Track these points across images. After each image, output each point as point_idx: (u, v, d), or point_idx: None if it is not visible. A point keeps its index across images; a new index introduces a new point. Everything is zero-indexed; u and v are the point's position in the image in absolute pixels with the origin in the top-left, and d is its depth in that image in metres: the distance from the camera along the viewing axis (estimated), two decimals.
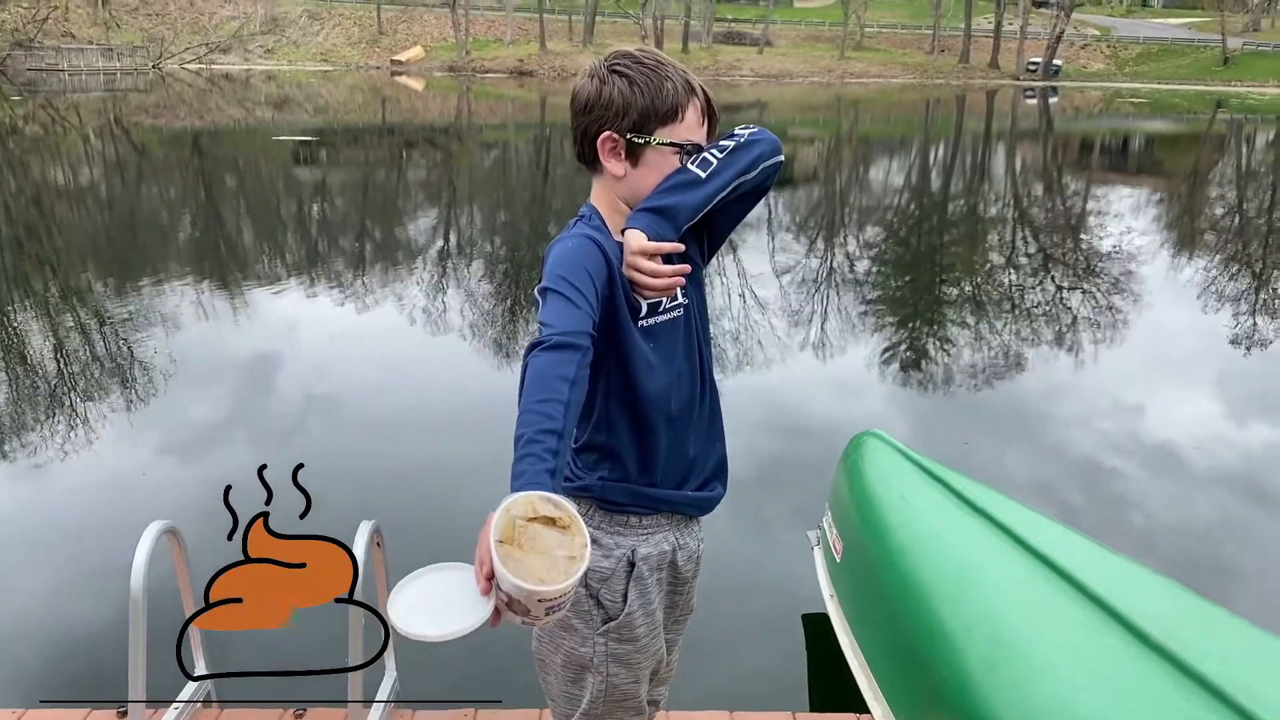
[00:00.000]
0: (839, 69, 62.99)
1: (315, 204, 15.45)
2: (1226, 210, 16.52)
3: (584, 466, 1.78)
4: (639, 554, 1.77)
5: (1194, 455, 5.76)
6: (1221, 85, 59.32)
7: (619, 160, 1.70)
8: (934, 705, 2.46)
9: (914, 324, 8.80)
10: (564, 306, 1.52)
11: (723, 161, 1.69)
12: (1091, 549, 2.71)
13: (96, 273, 10.15)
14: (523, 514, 1.29)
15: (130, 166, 19.66)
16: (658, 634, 1.83)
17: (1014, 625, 2.40)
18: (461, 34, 62.95)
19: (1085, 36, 69.54)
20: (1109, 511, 5.03)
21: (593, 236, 1.65)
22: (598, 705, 1.78)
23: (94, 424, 5.75)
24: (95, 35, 55.61)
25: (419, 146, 24.91)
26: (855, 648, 3.04)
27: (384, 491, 4.89)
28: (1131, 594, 2.44)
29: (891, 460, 3.28)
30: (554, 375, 1.43)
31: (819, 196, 17.77)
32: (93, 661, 3.46)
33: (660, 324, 1.73)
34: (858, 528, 3.14)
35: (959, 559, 2.69)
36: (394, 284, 9.67)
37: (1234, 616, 2.43)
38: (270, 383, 6.65)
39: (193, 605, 2.82)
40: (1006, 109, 43.77)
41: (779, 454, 5.53)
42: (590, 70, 1.72)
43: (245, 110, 33.72)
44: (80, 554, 4.29)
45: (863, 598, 3.08)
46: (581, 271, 1.57)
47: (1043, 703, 2.15)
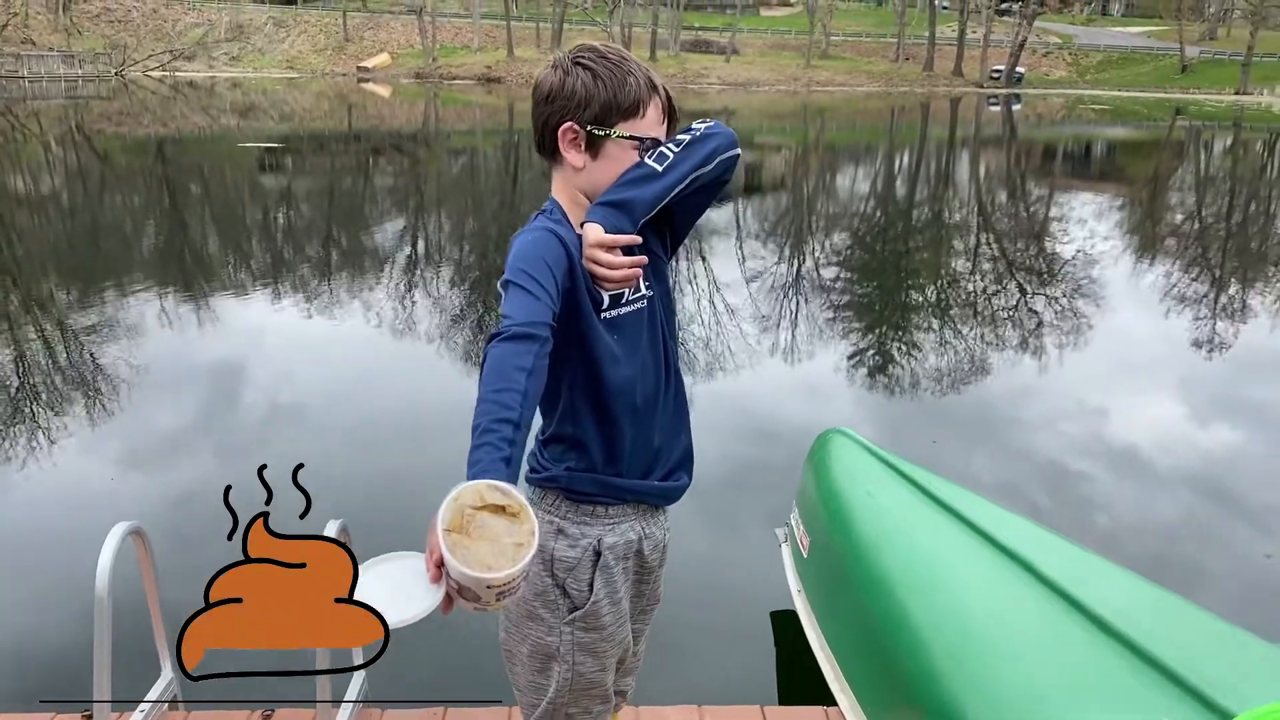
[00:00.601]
0: (805, 77, 63.38)
1: (281, 211, 15.34)
2: (1187, 215, 16.78)
3: (550, 458, 1.79)
4: (605, 543, 1.78)
5: (1154, 454, 5.86)
6: (1180, 92, 60.26)
7: (579, 152, 1.72)
8: (900, 696, 2.49)
9: (881, 329, 8.88)
10: (523, 298, 1.54)
11: (679, 155, 1.71)
12: (1055, 542, 2.76)
13: (59, 282, 10.02)
14: (471, 502, 1.31)
15: (93, 174, 19.44)
16: (624, 623, 1.84)
17: (978, 617, 2.43)
18: (429, 41, 62.81)
19: (1047, 44, 70.46)
20: (1072, 508, 5.10)
21: (553, 229, 1.66)
22: (564, 694, 1.79)
23: (56, 433, 5.69)
24: (56, 42, 54.98)
25: (386, 153, 24.80)
26: (822, 641, 3.07)
27: (351, 491, 4.87)
28: (1093, 585, 2.49)
29: (857, 457, 3.31)
30: (511, 365, 1.45)
31: (787, 204, 17.87)
32: (58, 664, 3.42)
33: (624, 315, 1.75)
34: (824, 524, 3.17)
35: (924, 553, 2.73)
36: (361, 291, 9.63)
37: (1192, 605, 2.49)
38: (235, 388, 6.60)
39: (159, 606, 2.81)
40: (970, 116, 44.21)
41: (748, 456, 5.57)
42: (554, 62, 1.73)
43: (210, 118, 33.43)
44: (45, 558, 4.24)
45: (829, 592, 3.11)
46: (540, 264, 1.59)
47: (1007, 691, 2.19)
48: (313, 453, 5.52)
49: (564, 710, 1.81)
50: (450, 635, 3.56)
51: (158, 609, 2.83)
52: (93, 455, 5.45)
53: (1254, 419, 6.54)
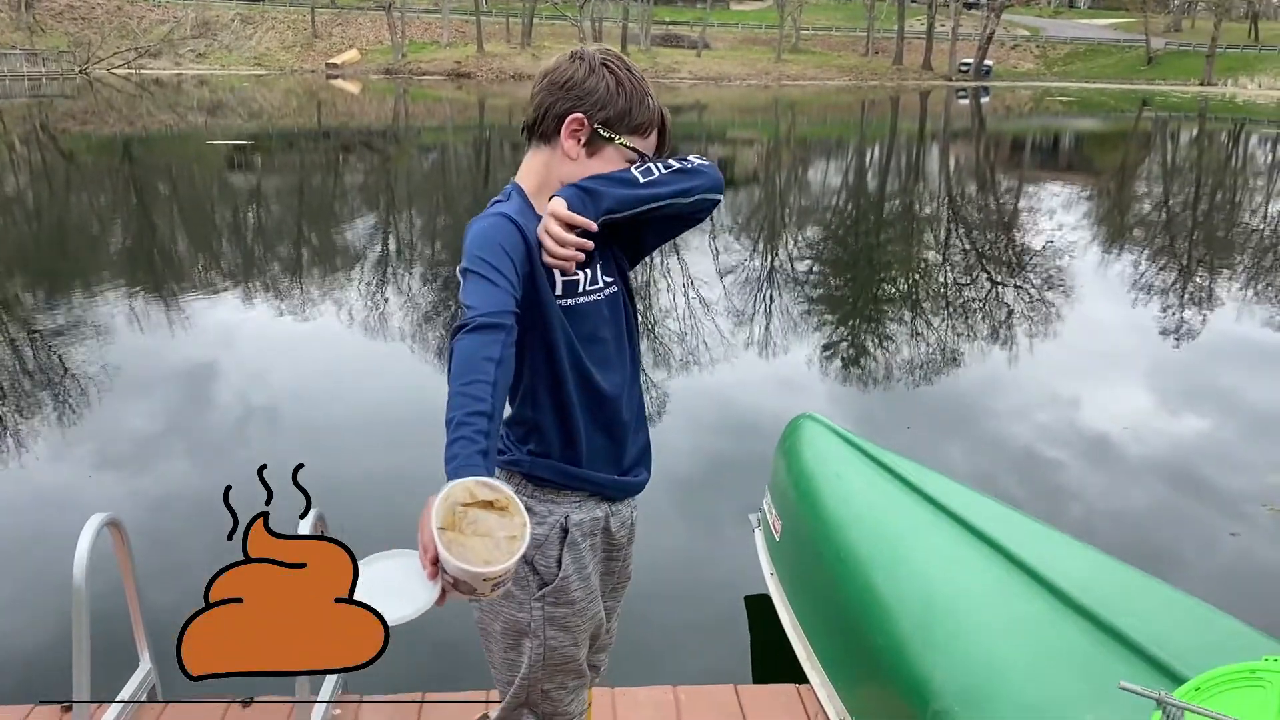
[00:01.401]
0: (776, 71, 63.56)
1: (251, 210, 15.25)
2: (1154, 205, 17.00)
3: (514, 440, 1.83)
4: (572, 520, 1.82)
5: (1123, 440, 5.96)
6: (1146, 84, 60.96)
7: (578, 144, 1.75)
8: (869, 669, 2.55)
9: (854, 320, 8.96)
10: (485, 287, 1.57)
11: (665, 176, 1.75)
12: (1018, 519, 2.83)
13: (24, 283, 9.93)
14: (461, 500, 1.35)
15: (58, 174, 19.22)
16: (594, 598, 1.88)
17: (944, 591, 2.49)
18: (398, 36, 62.42)
19: (1015, 37, 71.00)
20: (1044, 492, 5.20)
21: (509, 215, 1.68)
22: (537, 669, 1.83)
23: (25, 434, 5.66)
24: (19, 40, 54.18)
25: (356, 150, 24.68)
26: (794, 621, 3.13)
27: (326, 483, 4.88)
28: (1055, 559, 2.56)
29: (827, 441, 3.37)
30: (480, 357, 1.49)
31: (759, 197, 17.95)
32: (38, 659, 3.43)
33: (582, 305, 1.77)
34: (795, 506, 3.23)
35: (891, 531, 2.79)
36: (332, 288, 9.60)
37: (1150, 578, 2.56)
38: (207, 387, 6.59)
39: (136, 597, 2.82)
40: (940, 109, 44.52)
41: (725, 447, 5.62)
42: (579, 54, 1.77)
43: (177, 115, 33.11)
44: (22, 555, 4.24)
45: (800, 572, 3.16)
46: (498, 250, 1.61)
47: (971, 663, 2.25)
48: (286, 448, 5.54)
49: (539, 686, 1.84)
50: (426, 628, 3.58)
51: (136, 601, 2.85)
52: (64, 456, 5.43)
53: (1219, 404, 6.67)
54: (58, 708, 2.82)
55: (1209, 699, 1.84)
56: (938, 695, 2.20)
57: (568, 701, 1.88)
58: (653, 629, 3.74)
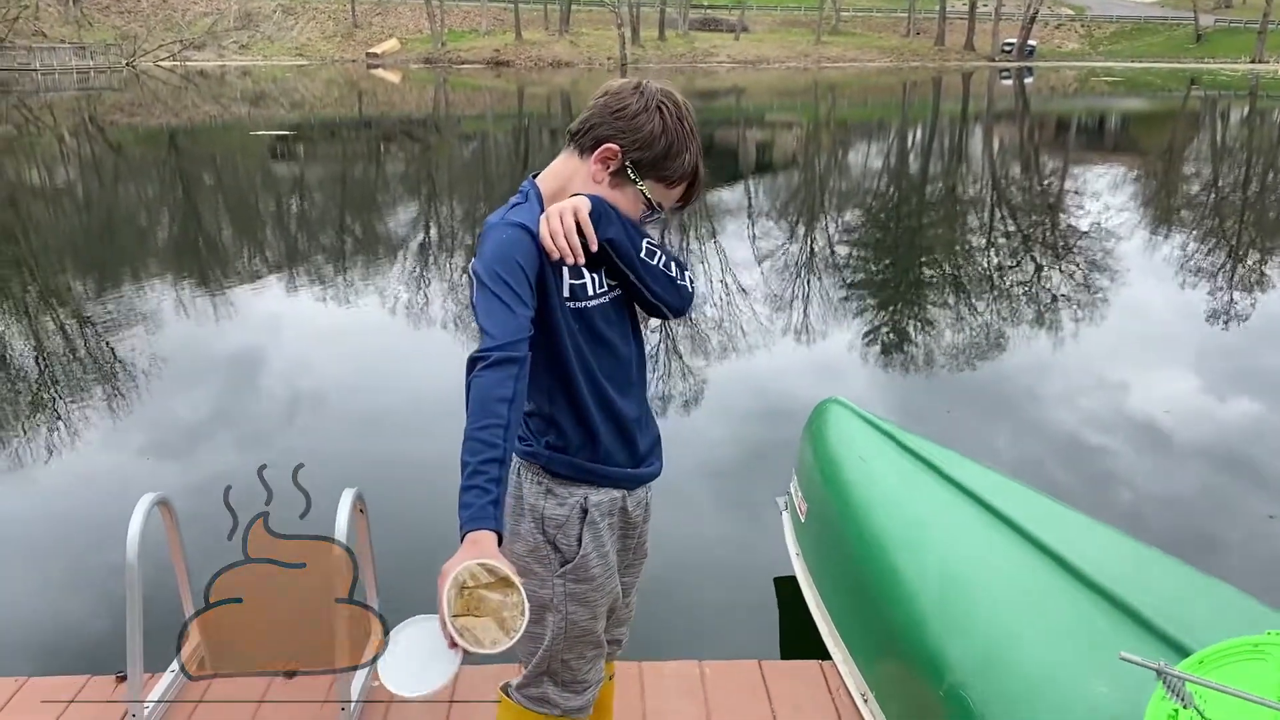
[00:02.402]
0: (815, 53, 63.16)
1: (294, 198, 15.49)
2: (1203, 186, 16.72)
3: (534, 430, 1.91)
4: (591, 501, 1.90)
5: (1167, 424, 5.91)
6: (1194, 62, 59.80)
7: (605, 170, 1.81)
8: (888, 644, 2.61)
9: (895, 305, 8.93)
10: (501, 312, 1.67)
11: (657, 268, 1.86)
12: (1037, 499, 2.88)
13: (76, 272, 10.20)
14: (469, 583, 1.56)
15: (106, 165, 19.63)
16: (612, 574, 1.97)
17: (962, 569, 2.55)
18: (437, 25, 62.78)
19: (1059, 16, 69.96)
20: (1085, 477, 5.15)
21: (527, 227, 1.75)
22: (559, 642, 1.92)
23: (77, 420, 5.85)
24: (68, 34, 55.23)
25: (397, 139, 24.92)
26: (818, 600, 3.19)
27: (366, 463, 5.06)
28: (1072, 538, 2.60)
29: (852, 424, 3.43)
30: (494, 398, 1.62)
31: (799, 181, 17.91)
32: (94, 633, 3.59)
33: (591, 308, 1.84)
34: (820, 488, 3.29)
35: (912, 511, 2.84)
36: (374, 277, 9.76)
37: (1167, 556, 2.60)
38: (251, 372, 6.76)
39: (186, 574, 2.95)
40: (982, 90, 44.01)
41: (760, 433, 5.65)
42: (643, 89, 1.80)
43: (221, 106, 33.61)
44: (76, 537, 4.41)
45: (824, 553, 3.23)
46: (515, 268, 1.70)
47: (987, 637, 2.31)
48: (328, 429, 5.70)
49: (559, 657, 1.94)
50: None
51: (185, 576, 2.98)
52: (116, 440, 5.61)
53: (1268, 388, 6.58)
54: (112, 678, 2.96)
55: (1212, 671, 1.89)
56: (953, 669, 2.27)
57: (586, 670, 1.97)
58: (684, 610, 3.82)
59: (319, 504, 2.68)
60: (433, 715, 2.86)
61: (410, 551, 4.15)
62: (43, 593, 3.97)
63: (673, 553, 4.22)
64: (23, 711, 2.85)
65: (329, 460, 5.16)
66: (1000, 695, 2.14)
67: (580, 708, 1.98)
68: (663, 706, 2.85)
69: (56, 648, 3.54)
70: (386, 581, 3.22)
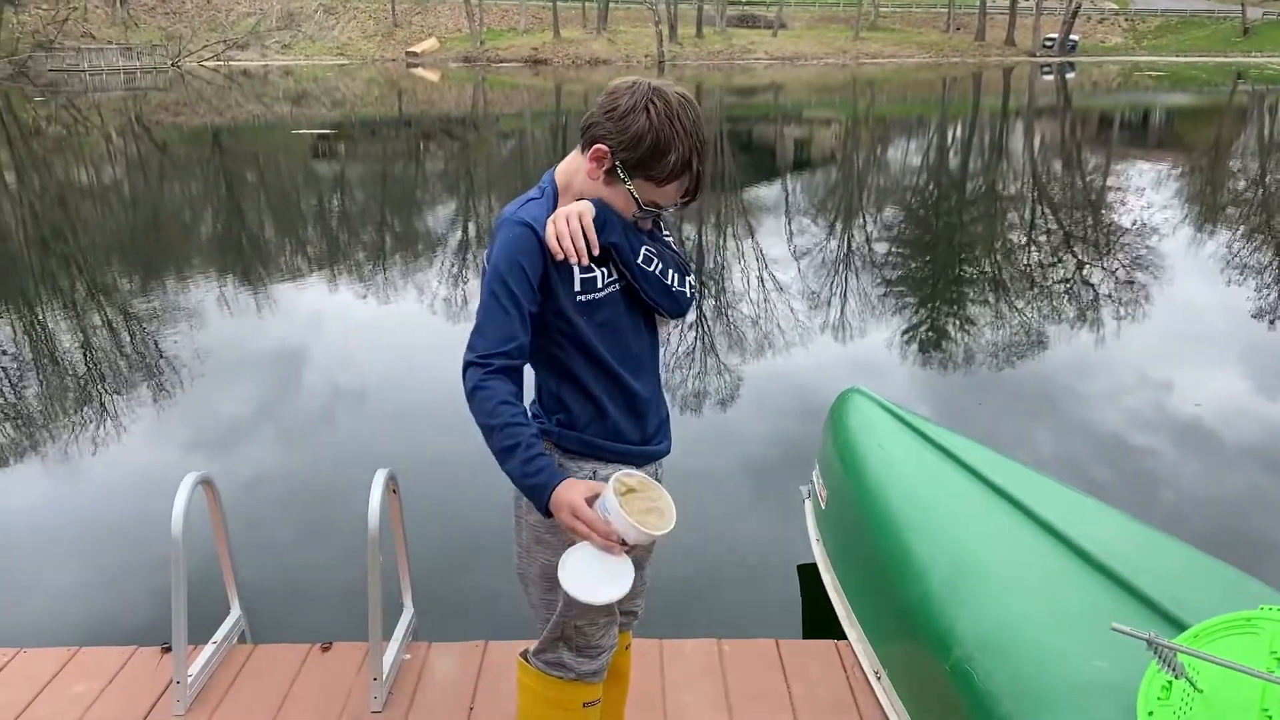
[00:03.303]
0: (854, 50, 62.78)
1: (334, 196, 15.74)
2: (1250, 182, 16.46)
3: (544, 409, 2.02)
4: (600, 475, 1.99)
5: (1213, 425, 5.86)
6: (1241, 56, 58.76)
7: (598, 169, 1.89)
8: (899, 624, 2.69)
9: (931, 301, 8.91)
10: (499, 317, 1.83)
11: (653, 274, 1.96)
12: (1048, 484, 2.94)
13: (123, 268, 10.46)
14: (621, 491, 1.78)
15: (152, 164, 20.02)
16: None
17: (972, 551, 2.62)
18: (476, 24, 63.14)
19: (1102, 10, 69.02)
20: (1127, 478, 5.13)
21: (532, 225, 1.85)
22: (572, 608, 2.01)
23: (123, 411, 6.05)
24: (114, 35, 56.23)
25: (436, 137, 25.17)
26: (836, 583, 3.27)
27: (401, 446, 5.28)
28: (1082, 522, 2.67)
29: (872, 413, 3.50)
30: (501, 400, 1.81)
31: (836, 178, 17.89)
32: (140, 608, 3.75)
33: (600, 299, 1.94)
34: (839, 475, 3.37)
35: (926, 496, 2.92)
36: (412, 272, 9.92)
37: (1175, 540, 2.66)
38: (293, 364, 6.93)
39: (227, 549, 3.09)
40: (1023, 86, 43.53)
41: (791, 426, 5.71)
42: (636, 88, 1.85)
43: (263, 106, 34.09)
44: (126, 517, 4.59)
45: (842, 538, 3.31)
46: (519, 272, 1.83)
47: (993, 615, 2.38)
48: (364, 420, 5.86)
49: (572, 623, 2.03)
50: (487, 580, 3.83)
51: (227, 553, 3.12)
52: (161, 428, 5.79)
53: None
54: (158, 649, 3.11)
55: (1206, 644, 1.96)
56: (960, 644, 2.34)
57: (599, 636, 2.07)
58: (708, 595, 3.92)
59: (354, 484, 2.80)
60: (462, 682, 2.97)
61: (441, 532, 4.29)
62: (94, 570, 4.14)
63: (702, 540, 4.33)
64: (75, 679, 3.00)
65: (364, 445, 5.37)
66: (1005, 670, 2.21)
67: (594, 671, 2.07)
68: (681, 681, 2.94)
69: (107, 621, 3.70)
70: (418, 556, 3.35)
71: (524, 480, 1.81)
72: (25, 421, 5.90)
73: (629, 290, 1.99)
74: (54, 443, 5.57)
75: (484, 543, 4.18)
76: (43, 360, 7.09)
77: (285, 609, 3.75)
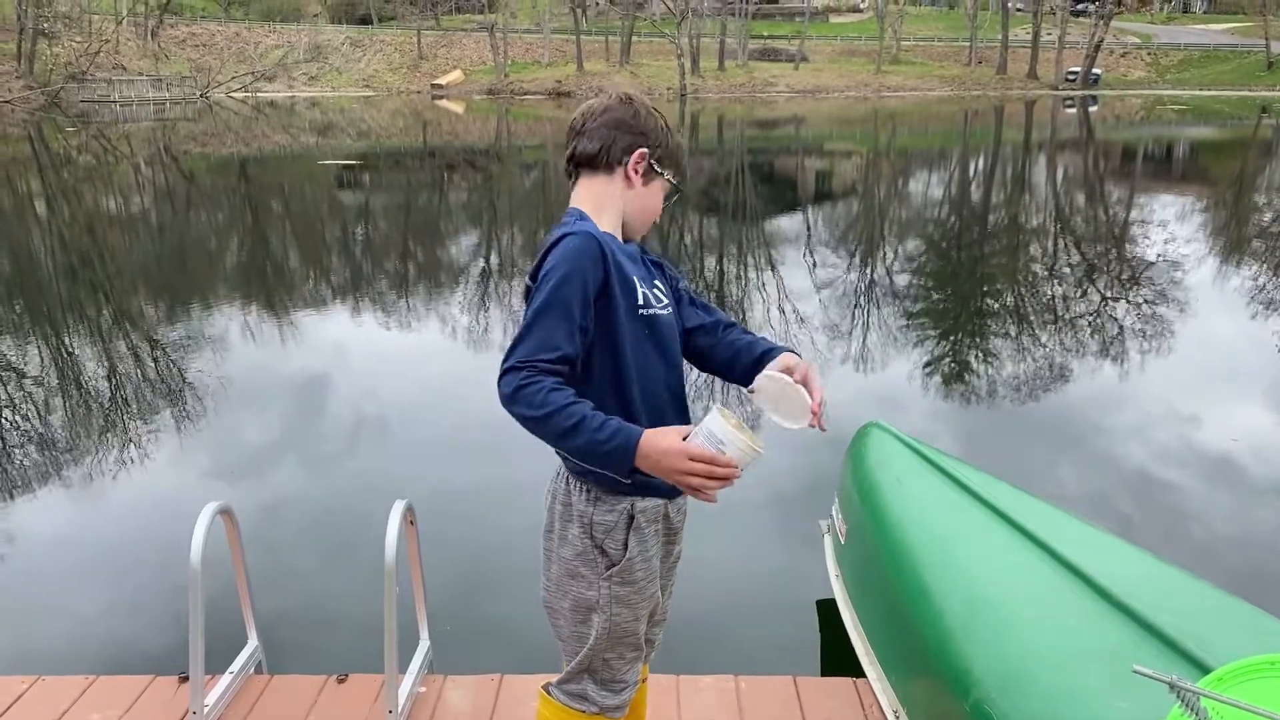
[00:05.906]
0: (875, 83, 63.03)
1: (359, 226, 15.87)
2: (1276, 215, 16.35)
3: None
4: (638, 508, 1.99)
5: (1241, 461, 5.80)
6: (1266, 90, 58.55)
7: (639, 175, 2.00)
8: (918, 662, 2.66)
9: (953, 334, 8.88)
10: (560, 327, 1.79)
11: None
12: (1068, 521, 2.91)
13: (149, 296, 10.58)
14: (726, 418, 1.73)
15: (179, 193, 20.28)
16: (654, 579, 2.06)
17: (989, 587, 2.60)
18: (500, 57, 63.86)
19: (1125, 44, 69.05)
20: (1153, 516, 5.09)
21: (595, 235, 1.87)
22: (602, 641, 2.01)
23: (146, 438, 6.09)
24: (145, 67, 57.16)
25: (460, 168, 25.38)
26: (855, 620, 3.25)
27: (418, 478, 5.28)
28: (1100, 559, 2.64)
29: (891, 447, 3.49)
30: (550, 387, 1.74)
31: (858, 209, 17.90)
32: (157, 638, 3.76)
33: (658, 316, 1.97)
34: (858, 510, 3.35)
35: (944, 532, 2.90)
36: (435, 303, 9.99)
37: (1194, 578, 2.62)
38: (316, 390, 6.97)
39: (246, 579, 3.10)
40: (1046, 119, 43.52)
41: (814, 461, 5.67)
42: (625, 98, 2.04)
43: (290, 136, 34.51)
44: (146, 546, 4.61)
45: (860, 573, 3.29)
46: (581, 280, 1.81)
47: (1012, 654, 2.36)
48: (384, 450, 5.87)
49: (602, 656, 2.03)
50: (503, 613, 3.83)
51: (245, 582, 3.13)
52: (182, 457, 5.83)
53: None
54: (175, 678, 3.12)
55: (1230, 688, 1.92)
56: (978, 684, 2.31)
57: (625, 670, 2.07)
58: (726, 630, 3.90)
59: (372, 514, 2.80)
60: (477, 716, 2.96)
61: (458, 564, 4.29)
62: (115, 596, 4.16)
63: (720, 575, 4.31)
64: (92, 708, 3.00)
65: (383, 476, 5.38)
66: (1024, 711, 2.19)
67: (617, 707, 2.07)
68: (697, 718, 2.92)
69: (124, 649, 3.71)
70: (435, 588, 3.34)
71: (602, 447, 1.72)
72: (49, 447, 5.95)
73: (673, 316, 2.04)
74: (77, 468, 5.62)
75: (500, 576, 4.18)
76: (68, 386, 7.16)
77: (302, 638, 3.75)
